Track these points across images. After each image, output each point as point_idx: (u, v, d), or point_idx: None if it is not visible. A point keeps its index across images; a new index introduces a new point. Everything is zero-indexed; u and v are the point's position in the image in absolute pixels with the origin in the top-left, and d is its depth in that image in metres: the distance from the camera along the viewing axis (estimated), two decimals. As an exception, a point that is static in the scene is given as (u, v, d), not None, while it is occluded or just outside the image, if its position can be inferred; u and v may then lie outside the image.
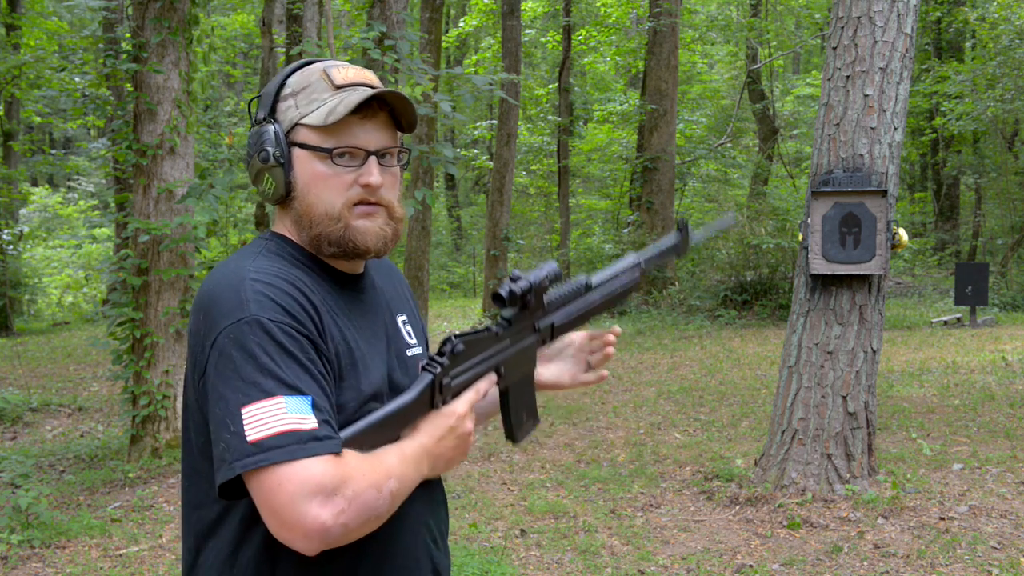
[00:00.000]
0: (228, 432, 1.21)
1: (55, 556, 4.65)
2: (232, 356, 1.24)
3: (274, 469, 1.17)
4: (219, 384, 1.24)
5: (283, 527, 1.18)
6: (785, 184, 20.52)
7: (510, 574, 4.13)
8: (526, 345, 1.54)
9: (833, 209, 5.05)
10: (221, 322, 1.26)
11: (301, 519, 1.16)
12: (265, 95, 1.43)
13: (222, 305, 1.28)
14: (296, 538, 1.18)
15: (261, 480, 1.18)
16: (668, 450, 6.41)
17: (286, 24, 12.95)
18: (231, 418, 1.21)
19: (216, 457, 1.23)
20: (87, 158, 24.02)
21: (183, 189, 6.52)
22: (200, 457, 1.36)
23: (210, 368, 1.26)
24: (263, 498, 1.19)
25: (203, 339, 1.29)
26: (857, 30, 5.02)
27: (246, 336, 1.24)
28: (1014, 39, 16.45)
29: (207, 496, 1.35)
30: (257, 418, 1.20)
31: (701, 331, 13.27)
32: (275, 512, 1.18)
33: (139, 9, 6.59)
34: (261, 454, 1.18)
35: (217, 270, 1.37)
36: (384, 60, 7.52)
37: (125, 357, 6.59)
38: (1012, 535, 4.40)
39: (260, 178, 1.41)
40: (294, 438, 1.19)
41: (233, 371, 1.23)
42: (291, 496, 1.16)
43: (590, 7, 22.62)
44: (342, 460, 1.21)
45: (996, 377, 8.52)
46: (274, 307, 1.27)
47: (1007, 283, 16.35)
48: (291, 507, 1.17)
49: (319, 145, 1.37)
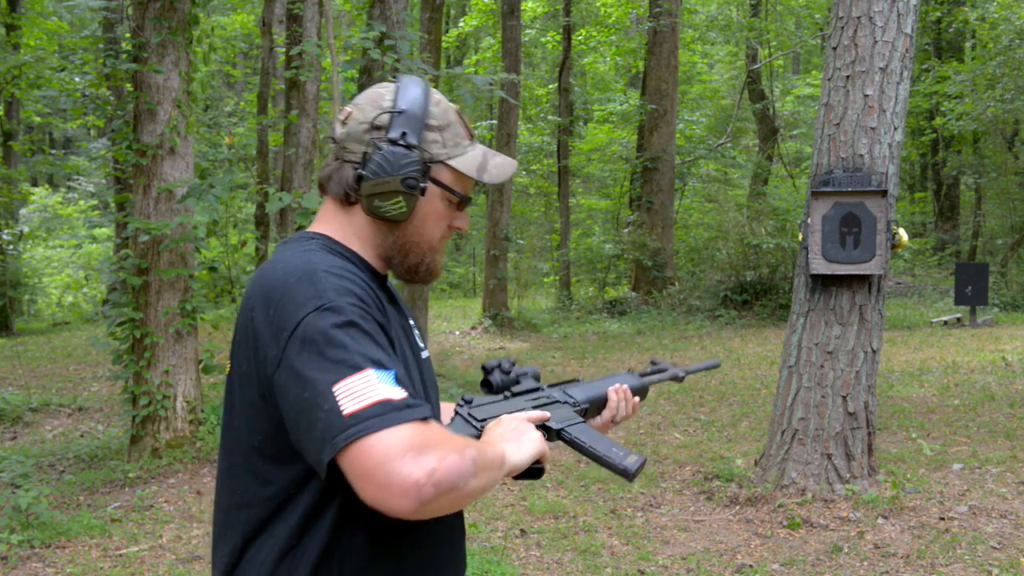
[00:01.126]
0: (322, 412, 1.22)
1: (55, 556, 4.65)
2: (316, 341, 1.26)
3: (368, 438, 1.19)
4: (304, 370, 1.25)
5: (379, 489, 1.19)
6: (785, 184, 20.52)
7: (510, 574, 4.13)
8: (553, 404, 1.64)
9: (833, 209, 5.05)
10: (300, 311, 1.28)
11: (395, 477, 1.18)
12: (410, 117, 1.44)
13: (298, 296, 1.30)
14: (393, 497, 1.19)
15: (355, 450, 1.20)
16: (668, 450, 6.41)
17: (286, 24, 12.95)
18: (323, 398, 1.22)
19: (312, 440, 1.23)
20: (87, 158, 24.03)
21: (183, 189, 6.52)
22: (255, 455, 1.37)
23: (290, 359, 1.27)
24: (357, 466, 1.20)
25: (277, 331, 1.30)
26: (857, 30, 5.01)
27: (327, 321, 1.27)
28: (1014, 39, 16.45)
29: (257, 495, 1.36)
30: (350, 392, 1.22)
31: (701, 331, 13.28)
32: (369, 476, 1.19)
33: (139, 9, 6.59)
34: (360, 424, 1.20)
35: (279, 265, 1.39)
36: (384, 60, 7.52)
37: (125, 357, 6.59)
38: (1012, 535, 4.39)
39: (390, 197, 1.43)
40: (389, 407, 1.22)
41: (318, 355, 1.25)
42: (384, 457, 1.18)
43: (590, 7, 22.62)
44: (429, 425, 1.24)
45: (996, 377, 8.51)
46: (350, 295, 1.32)
47: (1007, 283, 16.35)
48: (385, 467, 1.18)
49: (459, 192, 1.49)
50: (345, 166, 1.46)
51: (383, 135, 1.43)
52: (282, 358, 1.28)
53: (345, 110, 1.50)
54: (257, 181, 14.57)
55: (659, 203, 16.29)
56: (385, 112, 1.44)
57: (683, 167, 19.68)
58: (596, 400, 1.75)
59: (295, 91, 11.05)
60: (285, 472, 1.35)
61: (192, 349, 6.74)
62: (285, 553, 1.35)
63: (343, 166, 1.46)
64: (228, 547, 1.41)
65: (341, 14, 12.40)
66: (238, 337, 1.39)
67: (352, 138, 1.45)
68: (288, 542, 1.35)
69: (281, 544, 1.35)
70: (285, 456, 1.34)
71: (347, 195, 1.46)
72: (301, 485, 1.34)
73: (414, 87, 1.47)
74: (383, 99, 1.47)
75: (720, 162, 22.00)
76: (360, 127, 1.45)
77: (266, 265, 1.43)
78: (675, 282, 16.15)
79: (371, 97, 1.48)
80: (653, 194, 16.28)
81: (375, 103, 1.47)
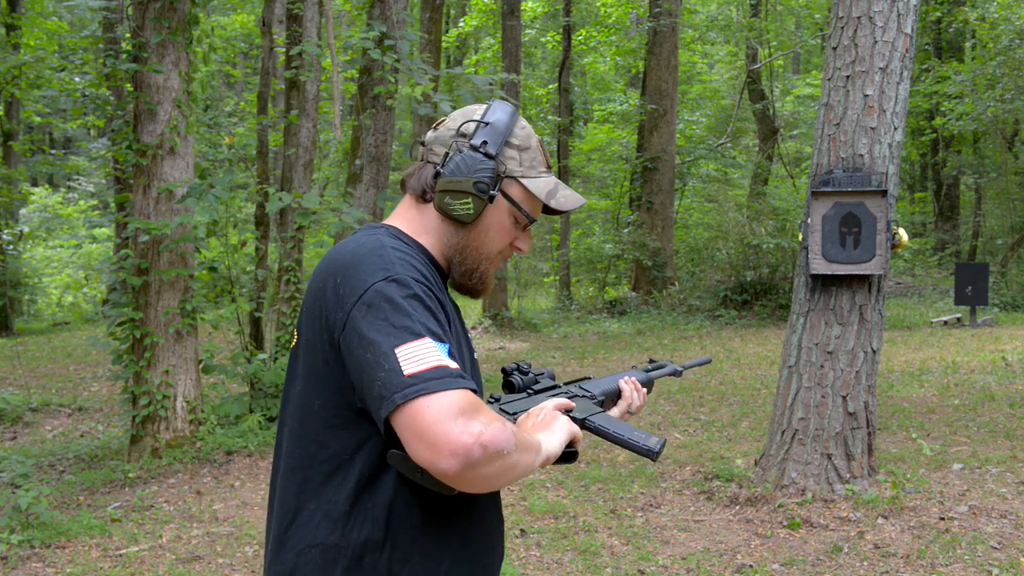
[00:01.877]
0: (383, 371, 1.30)
1: (55, 556, 4.65)
2: (382, 307, 1.35)
3: (424, 398, 1.27)
4: (369, 332, 1.34)
5: (429, 448, 1.26)
6: (785, 184, 20.51)
7: (510, 574, 4.13)
8: (573, 395, 1.74)
9: (833, 209, 5.05)
10: (368, 279, 1.38)
11: (446, 437, 1.25)
12: (494, 130, 1.55)
13: (367, 266, 1.40)
14: (442, 457, 1.26)
15: (410, 409, 1.28)
16: (668, 450, 6.41)
17: (286, 24, 12.93)
18: (385, 358, 1.31)
19: (372, 398, 1.32)
20: (87, 158, 24.03)
21: (183, 189, 6.52)
22: (314, 418, 1.45)
23: (355, 321, 1.36)
24: (410, 424, 1.28)
25: (343, 298, 1.38)
26: (857, 30, 5.01)
27: (394, 290, 1.37)
28: (1014, 39, 16.45)
29: (313, 458, 1.45)
30: (411, 355, 1.30)
31: (701, 331, 13.27)
32: (421, 435, 1.27)
33: (139, 9, 6.59)
34: (420, 384, 1.28)
35: (349, 244, 1.49)
36: (384, 60, 7.52)
37: (125, 357, 6.59)
38: (1012, 535, 4.39)
39: (459, 197, 1.53)
40: (446, 372, 1.30)
41: (384, 320, 1.34)
42: (436, 417, 1.26)
43: (590, 7, 22.61)
44: (475, 395, 1.33)
45: (996, 377, 8.51)
46: (416, 272, 1.42)
47: (1007, 283, 16.34)
48: (437, 426, 1.26)
49: (527, 211, 1.59)
50: (427, 166, 1.57)
51: (466, 141, 1.55)
52: (347, 321, 1.36)
53: (439, 120, 1.61)
54: (257, 181, 14.56)
55: (659, 203, 16.29)
56: (472, 122, 1.56)
57: (683, 167, 19.68)
58: (611, 393, 1.85)
59: (295, 91, 11.05)
60: (340, 437, 1.43)
61: (192, 349, 6.74)
62: (337, 519, 1.42)
63: (426, 166, 1.57)
64: (283, 510, 1.48)
65: (341, 14, 12.40)
66: (306, 308, 1.49)
67: (439, 141, 1.57)
68: (340, 508, 1.42)
69: (333, 510, 1.43)
70: (341, 421, 1.42)
71: (424, 192, 1.56)
72: (355, 451, 1.42)
73: (505, 108, 1.59)
74: (474, 112, 1.59)
75: (720, 162, 21.99)
76: (447, 132, 1.57)
77: (336, 247, 1.52)
78: (675, 282, 16.14)
79: (465, 111, 1.60)
80: (653, 194, 16.28)
81: (467, 115, 1.59)
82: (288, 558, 1.45)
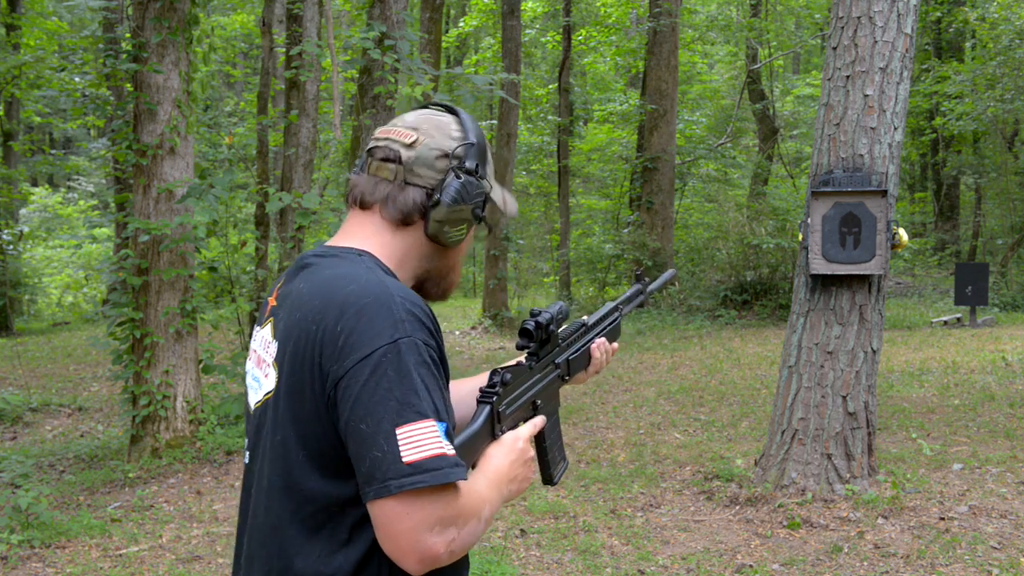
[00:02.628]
0: (379, 451, 1.23)
1: (55, 556, 4.65)
2: (388, 375, 1.25)
3: (411, 498, 1.22)
4: (370, 402, 1.24)
5: (400, 551, 1.24)
6: (785, 184, 20.51)
7: (510, 574, 4.13)
8: (551, 379, 1.67)
9: (833, 209, 5.05)
10: (375, 340, 1.27)
11: (417, 546, 1.23)
12: (479, 150, 1.49)
13: (376, 320, 1.28)
14: (411, 563, 1.25)
15: (394, 506, 1.22)
16: (668, 450, 6.41)
17: (286, 24, 12.94)
18: (384, 436, 1.23)
19: (361, 472, 1.25)
20: (87, 158, 24.02)
21: (183, 189, 6.52)
22: (298, 469, 1.33)
23: (355, 384, 1.26)
24: (387, 522, 1.23)
25: (344, 352, 1.27)
26: (857, 30, 5.01)
27: (404, 357, 1.26)
28: (1014, 39, 16.44)
29: (296, 513, 1.34)
30: (412, 440, 1.23)
31: (701, 331, 13.27)
32: (396, 537, 1.23)
33: (139, 9, 6.59)
34: (416, 476, 1.21)
35: (347, 280, 1.35)
36: (384, 60, 7.53)
37: (125, 357, 6.59)
38: (1012, 535, 4.39)
39: (457, 224, 1.47)
40: (444, 462, 1.24)
41: (388, 390, 1.24)
42: (415, 526, 1.22)
43: (590, 7, 22.61)
44: (460, 492, 1.27)
45: (996, 377, 8.51)
46: (424, 330, 1.32)
47: (1007, 283, 16.34)
48: (412, 535, 1.23)
49: (492, 224, 1.58)
50: (410, 189, 1.45)
51: (460, 165, 1.46)
52: (344, 378, 1.26)
53: (405, 132, 1.48)
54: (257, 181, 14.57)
55: (659, 203, 16.29)
56: (459, 143, 1.48)
57: (683, 167, 19.67)
58: (584, 357, 1.82)
59: (295, 91, 11.05)
60: (329, 490, 1.32)
61: (192, 349, 6.74)
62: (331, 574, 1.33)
63: (407, 188, 1.45)
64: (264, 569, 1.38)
65: (341, 14, 12.40)
66: (291, 348, 1.35)
67: (423, 163, 1.45)
68: (335, 563, 1.33)
69: (326, 566, 1.33)
70: (331, 472, 1.32)
71: (405, 217, 1.46)
72: (346, 504, 1.32)
73: (470, 119, 1.52)
74: (449, 128, 1.49)
75: (720, 162, 21.98)
76: (432, 152, 1.46)
77: (329, 278, 1.38)
78: (675, 282, 16.14)
79: (435, 123, 1.49)
80: (653, 194, 16.28)
81: (443, 130, 1.48)
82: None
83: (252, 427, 1.46)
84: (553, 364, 1.68)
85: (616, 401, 8.31)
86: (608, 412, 7.82)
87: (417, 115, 1.52)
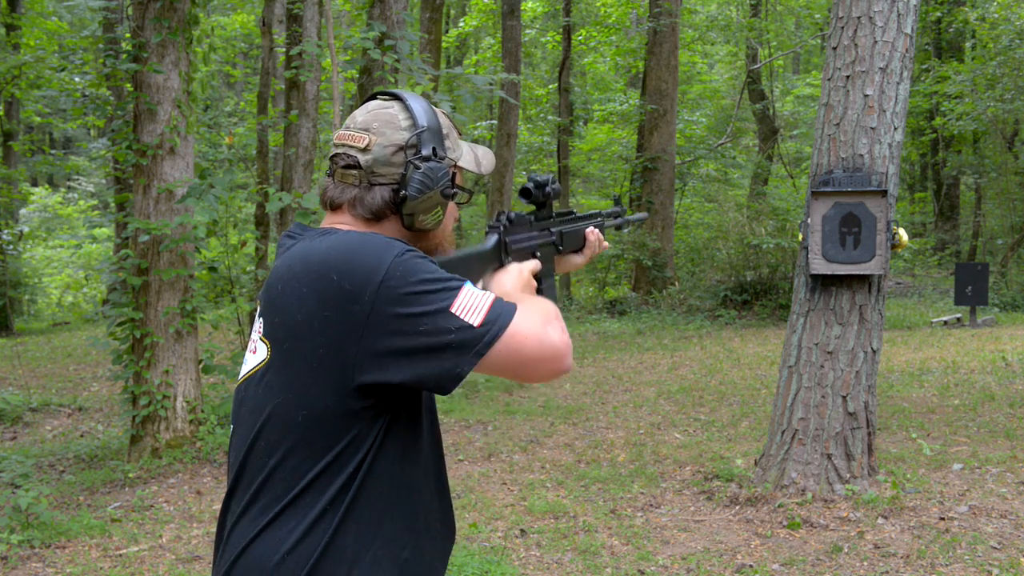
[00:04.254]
0: (451, 334, 1.32)
1: (55, 556, 4.65)
2: (408, 283, 1.33)
3: (509, 333, 1.33)
4: (411, 311, 1.32)
5: (549, 361, 1.36)
6: (785, 184, 20.52)
7: (510, 574, 4.13)
8: (548, 242, 1.87)
9: (833, 209, 5.05)
10: (379, 263, 1.35)
11: (553, 344, 1.36)
12: (432, 132, 1.52)
13: (367, 252, 1.36)
14: (564, 359, 1.37)
15: (504, 346, 1.33)
16: (668, 450, 6.41)
17: (286, 24, 12.94)
18: (445, 322, 1.32)
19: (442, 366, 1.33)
20: (87, 158, 24.03)
21: (183, 189, 6.52)
22: (298, 430, 1.38)
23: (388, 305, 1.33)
24: (515, 354, 1.34)
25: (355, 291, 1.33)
26: (857, 30, 5.01)
27: (408, 263, 1.35)
28: (1014, 39, 16.44)
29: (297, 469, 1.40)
30: (466, 307, 1.34)
31: (701, 331, 13.27)
32: (531, 355, 1.34)
33: (139, 9, 6.59)
34: (495, 326, 1.33)
35: (316, 247, 1.41)
36: (384, 60, 7.52)
37: (125, 357, 6.59)
38: (1012, 535, 4.39)
39: (431, 209, 1.52)
40: (500, 304, 1.36)
41: (417, 294, 1.33)
42: (536, 336, 1.34)
43: (590, 7, 22.61)
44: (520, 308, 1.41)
45: (996, 377, 8.51)
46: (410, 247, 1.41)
47: (1007, 283, 16.34)
48: (543, 343, 1.35)
49: (466, 188, 1.61)
50: (375, 188, 1.50)
51: (416, 154, 1.49)
52: (373, 310, 1.33)
53: (358, 136, 1.51)
54: (257, 181, 14.58)
55: (659, 203, 16.29)
56: (411, 132, 1.50)
57: (683, 167, 19.68)
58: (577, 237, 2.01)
59: (295, 91, 11.05)
60: (328, 440, 1.38)
61: (192, 349, 6.74)
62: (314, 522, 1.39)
63: (372, 188, 1.50)
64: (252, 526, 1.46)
65: (341, 14, 12.39)
66: (279, 319, 1.40)
67: (381, 162, 1.49)
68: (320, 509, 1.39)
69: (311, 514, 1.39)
70: (331, 426, 1.37)
71: (376, 215, 1.50)
72: (346, 449, 1.38)
73: (418, 101, 1.54)
74: (397, 119, 1.52)
75: (720, 162, 21.99)
76: (387, 150, 1.49)
77: (298, 252, 1.44)
78: (675, 282, 16.14)
79: (383, 119, 1.52)
80: (653, 194, 16.28)
81: (392, 124, 1.51)
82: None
83: (236, 402, 1.51)
84: (549, 231, 1.87)
85: (616, 401, 8.31)
86: (608, 412, 7.82)
87: (366, 113, 1.54)
